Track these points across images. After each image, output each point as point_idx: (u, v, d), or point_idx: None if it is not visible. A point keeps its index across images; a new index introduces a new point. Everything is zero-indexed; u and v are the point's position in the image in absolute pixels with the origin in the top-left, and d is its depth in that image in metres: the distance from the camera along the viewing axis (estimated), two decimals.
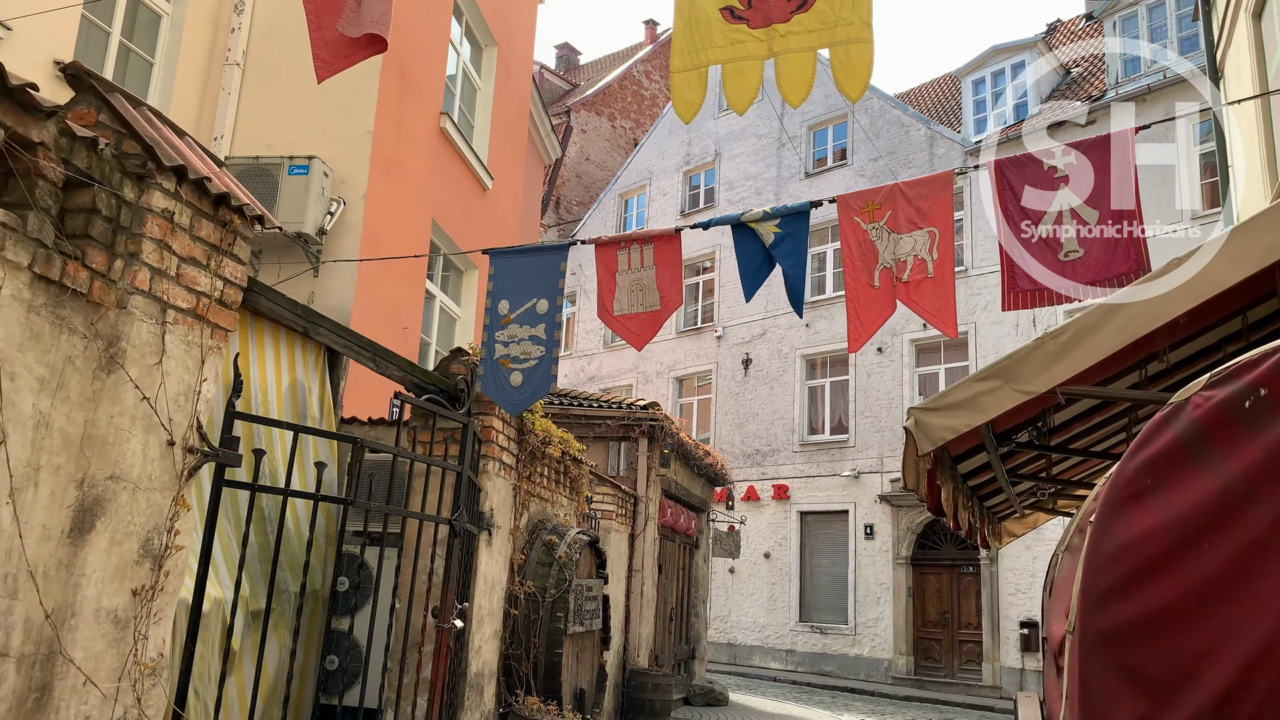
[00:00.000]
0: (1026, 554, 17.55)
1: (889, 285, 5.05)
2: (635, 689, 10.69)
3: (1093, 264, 4.63)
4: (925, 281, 4.94)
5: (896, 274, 5.04)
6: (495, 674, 6.70)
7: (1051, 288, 4.72)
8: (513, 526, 7.07)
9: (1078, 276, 4.67)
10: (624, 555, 11.33)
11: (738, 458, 22.54)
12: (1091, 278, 4.63)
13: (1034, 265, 4.73)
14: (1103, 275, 4.61)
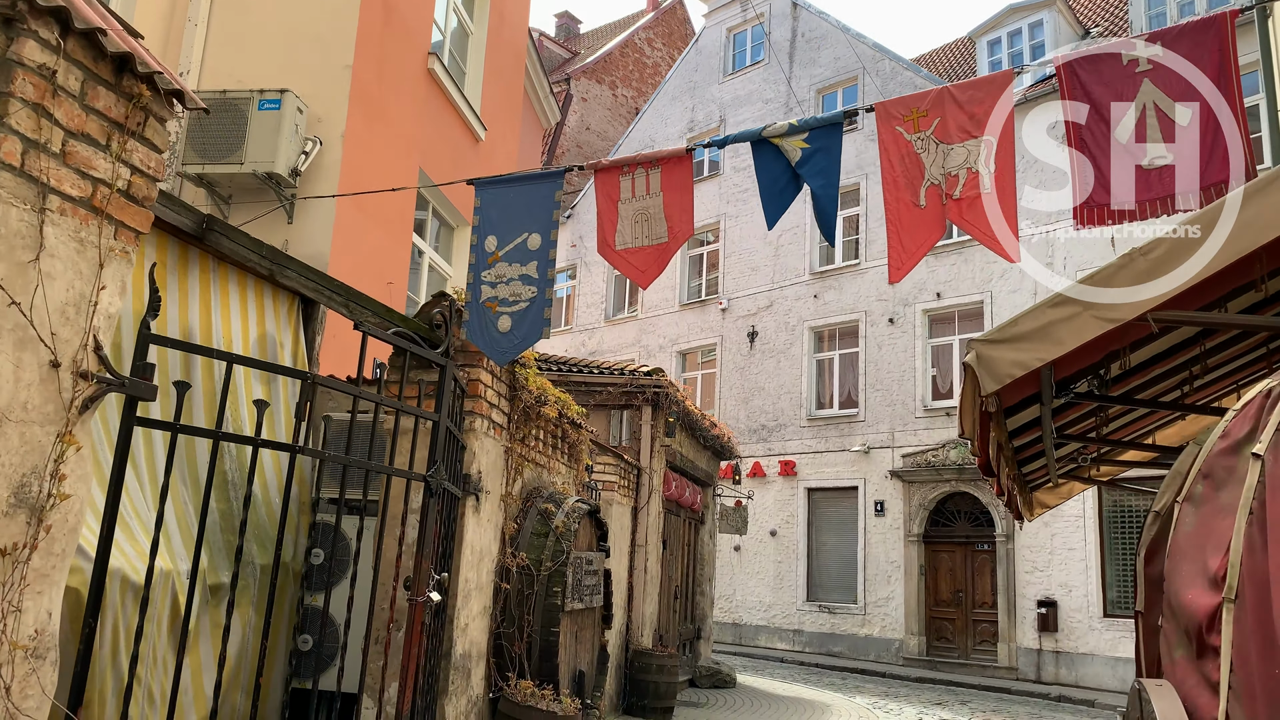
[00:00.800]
0: (1044, 530, 16.90)
1: (937, 204, 4.33)
2: (639, 670, 10.05)
3: (1183, 171, 3.91)
4: (980, 198, 4.23)
5: (946, 191, 4.32)
6: (485, 655, 6.03)
7: (1132, 202, 4.00)
8: (504, 493, 6.38)
9: (1163, 187, 3.95)
10: (627, 529, 10.67)
11: (743, 433, 21.86)
12: (1181, 187, 3.91)
13: (1112, 175, 4.01)
14: (1195, 184, 3.89)
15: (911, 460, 18.98)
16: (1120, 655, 15.54)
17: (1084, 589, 16.25)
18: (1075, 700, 14.62)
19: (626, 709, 10.11)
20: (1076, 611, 16.27)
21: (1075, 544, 16.53)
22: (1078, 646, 16.13)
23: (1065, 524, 16.66)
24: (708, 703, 11.75)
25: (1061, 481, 8.86)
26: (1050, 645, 16.47)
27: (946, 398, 19.09)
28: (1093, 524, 16.36)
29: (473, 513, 5.75)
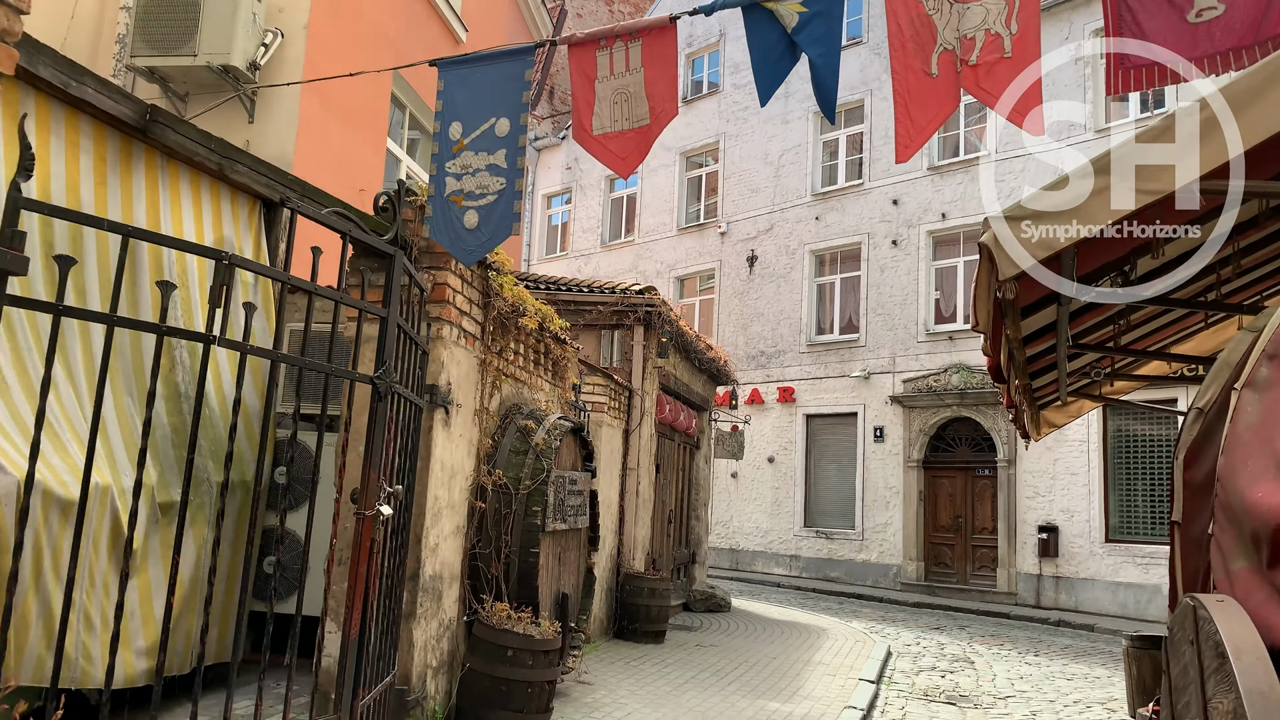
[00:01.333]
0: (1047, 455, 16.61)
1: (950, 72, 3.81)
2: (630, 594, 9.79)
3: (1235, 24, 3.39)
4: (1000, 63, 3.71)
5: (961, 56, 3.80)
6: (458, 576, 5.69)
7: (1173, 60, 3.49)
8: (479, 407, 5.97)
9: (1212, 43, 3.43)
10: (617, 452, 10.32)
11: (742, 360, 21.47)
12: (1231, 43, 3.40)
13: (1153, 29, 3.48)
14: (1247, 39, 3.37)
15: (912, 385, 18.60)
16: (1121, 580, 15.37)
17: (1086, 514, 16.02)
18: (1075, 625, 14.48)
19: (617, 633, 9.89)
20: (1078, 537, 16.06)
21: (1078, 469, 16.25)
22: (1078, 572, 15.96)
23: (1068, 449, 16.35)
24: (701, 626, 11.56)
25: (1070, 400, 8.46)
26: (1050, 571, 16.31)
27: (949, 321, 18.63)
28: (1096, 449, 16.05)
29: (442, 427, 5.35)
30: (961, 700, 8.50)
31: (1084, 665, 10.79)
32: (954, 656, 10.95)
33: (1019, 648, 11.96)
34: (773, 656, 9.66)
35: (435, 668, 5.34)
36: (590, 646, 9.07)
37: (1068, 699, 8.73)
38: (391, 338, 3.70)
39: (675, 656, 9.16)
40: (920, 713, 7.86)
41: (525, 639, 5.31)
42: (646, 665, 8.54)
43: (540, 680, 5.30)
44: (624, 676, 7.89)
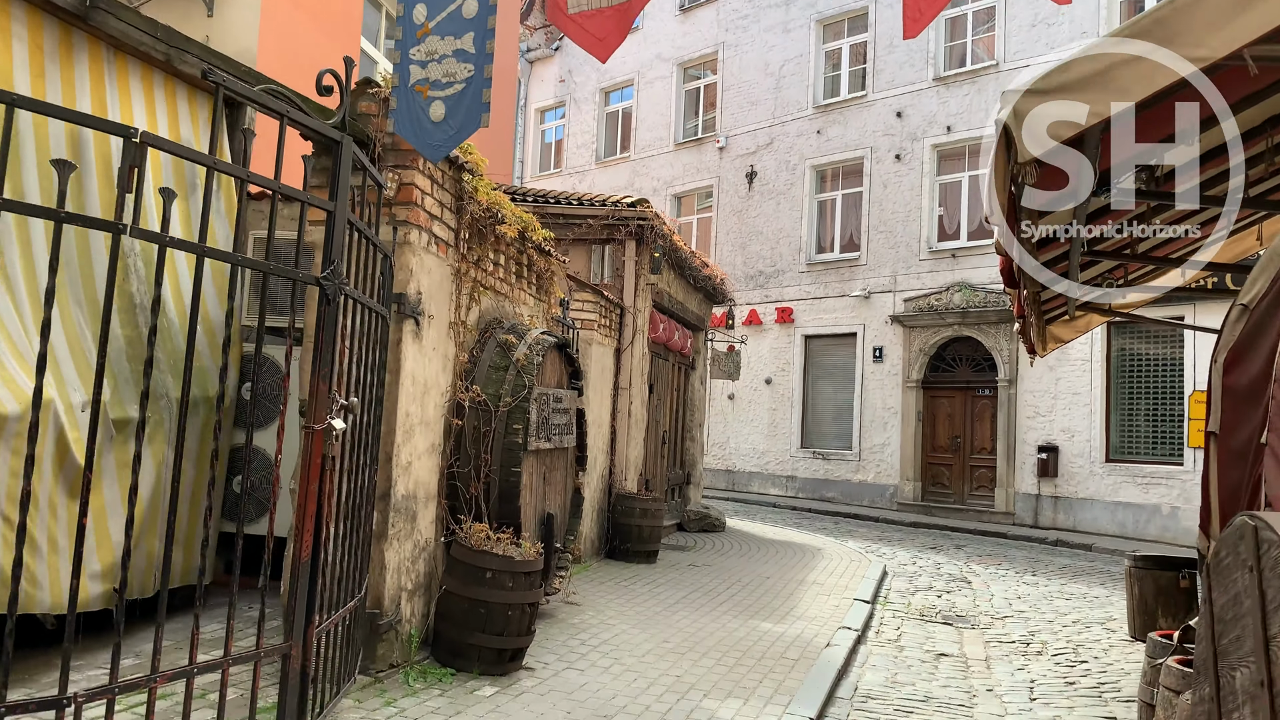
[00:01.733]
0: (1049, 375, 16.34)
1: None
2: (621, 515, 9.61)
3: None
4: None
5: None
6: (435, 496, 5.44)
7: None
8: (454, 320, 5.63)
9: None
10: (608, 371, 10.02)
11: (740, 280, 21.06)
12: None
13: None
14: None
15: (913, 305, 18.24)
16: (1121, 500, 15.26)
17: (1087, 434, 15.83)
18: (1072, 545, 14.41)
19: (609, 553, 9.75)
20: (1078, 457, 15.90)
21: (1080, 388, 16.00)
22: (1077, 492, 15.84)
23: (1070, 368, 16.08)
24: (695, 546, 11.44)
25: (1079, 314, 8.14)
26: (1049, 491, 16.20)
27: (953, 239, 18.18)
28: (1099, 368, 15.78)
29: (413, 339, 5.02)
30: (958, 620, 8.37)
31: (1082, 585, 10.69)
32: (951, 576, 10.84)
33: (1016, 567, 11.86)
34: (766, 576, 9.53)
35: (411, 590, 5.12)
36: (580, 567, 8.92)
37: (1066, 619, 8.60)
38: (340, 234, 3.34)
39: (667, 576, 9.01)
40: (916, 633, 7.72)
41: (505, 560, 5.08)
42: (637, 585, 8.39)
43: (520, 603, 5.08)
44: (613, 597, 7.73)
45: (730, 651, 6.17)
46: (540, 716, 4.48)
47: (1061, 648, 7.35)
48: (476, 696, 4.68)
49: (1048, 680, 6.29)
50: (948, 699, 5.69)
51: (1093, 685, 6.14)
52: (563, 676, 5.22)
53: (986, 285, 17.17)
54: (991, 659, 6.97)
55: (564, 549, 7.00)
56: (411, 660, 5.03)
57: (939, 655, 6.97)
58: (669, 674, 5.46)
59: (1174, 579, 7.52)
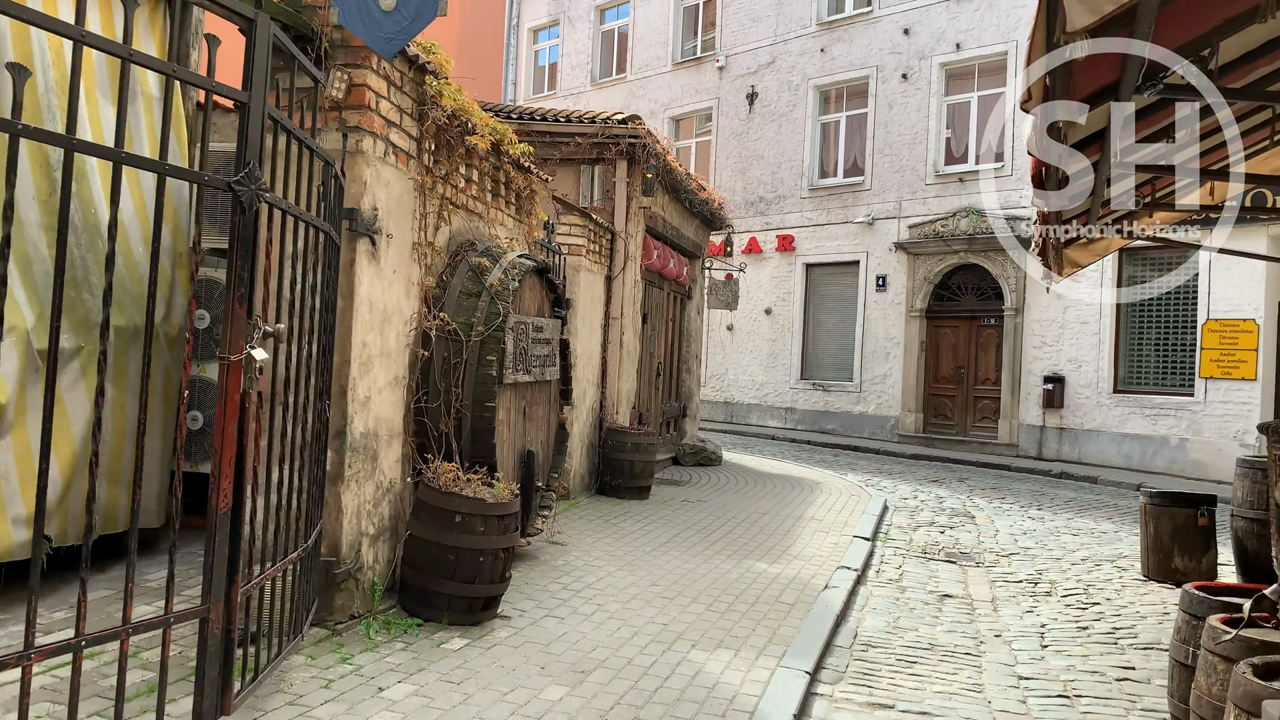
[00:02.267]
0: (1056, 304, 15.83)
1: None
2: (613, 450, 9.22)
3: None
4: None
5: None
6: (400, 434, 5.00)
7: None
8: (418, 240, 5.12)
9: None
10: (599, 300, 9.52)
11: (739, 207, 20.39)
12: None
13: None
14: None
15: (918, 231, 17.63)
16: (1128, 432, 14.88)
17: (1095, 364, 15.38)
18: (1077, 477, 14.08)
19: (600, 489, 9.38)
20: (1085, 388, 15.48)
21: (1089, 317, 15.50)
22: (1083, 423, 15.47)
23: (1080, 296, 15.56)
24: (690, 481, 11.08)
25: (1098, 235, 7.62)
26: (1054, 422, 15.82)
27: (960, 162, 17.49)
28: (1110, 296, 15.25)
29: (369, 260, 4.52)
30: (962, 558, 8.02)
31: (1089, 519, 10.35)
32: (953, 511, 10.50)
33: (1021, 501, 11.53)
34: (763, 513, 9.17)
35: (373, 535, 4.71)
36: (569, 504, 8.56)
37: (1074, 555, 8.26)
38: (256, 131, 2.82)
39: (659, 513, 8.65)
40: (919, 572, 7.37)
41: (475, 503, 4.66)
42: (628, 523, 8.02)
43: (493, 548, 4.68)
44: (601, 536, 7.36)
45: (722, 595, 5.81)
46: (510, 672, 4.10)
47: (1071, 588, 7.00)
48: (443, 650, 4.31)
49: (1059, 625, 5.94)
50: (954, 646, 5.33)
51: (1107, 631, 5.78)
52: (540, 625, 4.84)
53: (995, 210, 16.55)
54: (998, 600, 6.63)
55: (547, 487, 6.60)
56: (375, 610, 4.65)
57: (943, 596, 6.62)
58: (655, 621, 5.09)
59: (1192, 516, 7.14)
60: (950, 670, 4.89)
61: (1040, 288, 15.92)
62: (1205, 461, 13.94)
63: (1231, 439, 13.73)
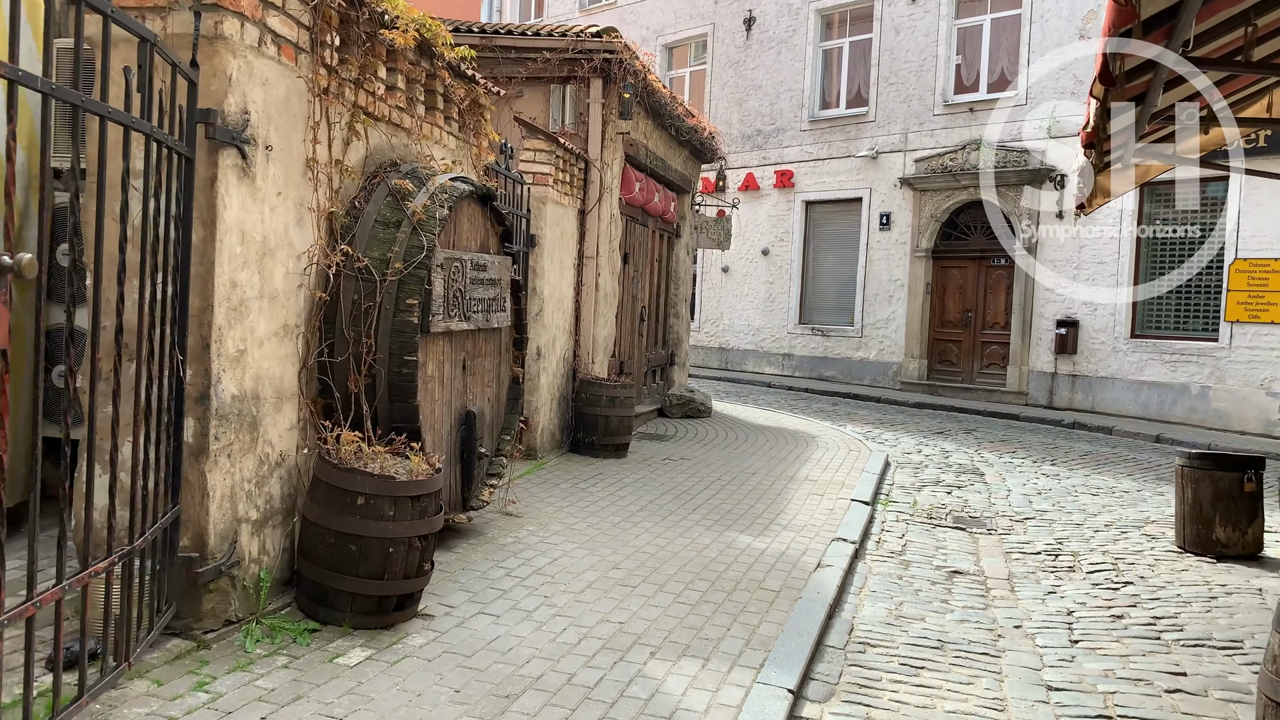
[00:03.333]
0: (1072, 243, 14.82)
1: None
2: (586, 404, 8.33)
3: None
4: None
5: None
6: (293, 395, 4.08)
7: None
8: (314, 156, 4.15)
9: None
10: (569, 237, 8.54)
11: (736, 141, 19.26)
12: None
13: None
14: None
15: (925, 165, 16.53)
16: (1145, 379, 13.98)
17: (1112, 307, 14.41)
18: (1091, 427, 13.22)
19: (573, 447, 8.51)
20: (1100, 332, 14.54)
21: (1107, 257, 14.49)
22: (1097, 370, 14.55)
23: (1097, 234, 14.53)
24: (675, 435, 10.22)
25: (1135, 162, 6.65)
26: (1066, 369, 14.91)
27: (971, 90, 16.32)
28: (1129, 236, 14.22)
29: (239, 179, 3.56)
30: (972, 523, 7.19)
31: (1108, 476, 9.50)
32: (961, 467, 9.64)
33: (1033, 455, 10.68)
34: (752, 472, 8.31)
35: (258, 520, 3.83)
36: (535, 464, 7.69)
37: (1096, 520, 7.42)
38: None
39: (636, 475, 7.79)
40: (924, 542, 6.53)
41: (382, 481, 3.77)
42: (598, 487, 7.16)
43: (406, 536, 3.80)
44: (566, 503, 6.50)
45: (696, 580, 4.95)
46: (415, 699, 3.25)
47: (1098, 562, 6.16)
48: (335, 667, 3.45)
49: (1088, 611, 5.10)
50: (967, 643, 4.49)
51: (1146, 621, 4.94)
52: (468, 627, 3.99)
53: (1007, 142, 15.44)
54: (1015, 577, 5.79)
55: (498, 452, 5.71)
56: (261, 612, 3.79)
57: (952, 574, 5.78)
58: (611, 619, 4.23)
59: (1236, 481, 6.27)
60: (964, 678, 4.05)
61: (1053, 225, 14.89)
62: (1228, 411, 13.06)
63: (1258, 387, 12.83)
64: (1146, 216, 14.15)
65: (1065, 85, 14.92)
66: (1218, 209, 13.39)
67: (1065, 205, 14.73)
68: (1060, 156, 14.82)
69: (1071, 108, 14.66)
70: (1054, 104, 14.96)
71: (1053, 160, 14.93)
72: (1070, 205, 14.37)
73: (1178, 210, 13.86)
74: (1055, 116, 14.88)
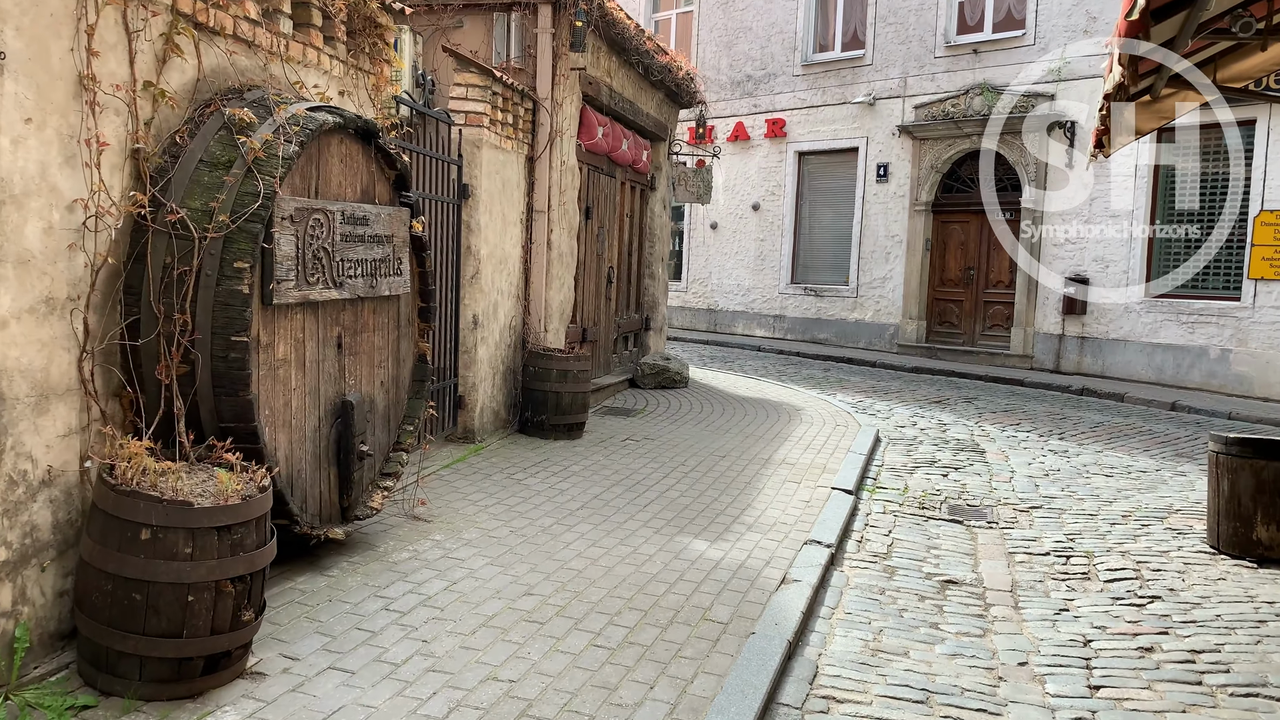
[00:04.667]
0: (1082, 193, 13.71)
1: None
2: (535, 379, 7.36)
3: None
4: None
5: None
6: (72, 390, 3.10)
7: None
8: (87, 72, 3.12)
9: None
10: (513, 187, 7.51)
11: (724, 87, 18.07)
12: None
13: None
14: None
15: (925, 112, 15.37)
16: (1160, 341, 12.97)
17: (1124, 264, 13.36)
18: (1101, 394, 12.25)
19: (522, 427, 7.55)
20: (1112, 291, 13.50)
21: (1120, 209, 13.39)
22: (1108, 332, 13.54)
23: (1110, 185, 13.43)
24: (643, 409, 9.26)
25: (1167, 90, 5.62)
26: (1075, 330, 13.89)
27: (975, 30, 15.09)
28: (1145, 186, 13.12)
29: None
30: (970, 514, 6.25)
31: (1123, 453, 8.54)
32: (959, 444, 8.69)
33: (1039, 427, 9.72)
34: (722, 455, 7.36)
35: (9, 562, 2.87)
36: (471, 449, 6.75)
37: (1112, 510, 6.48)
38: None
39: (587, 460, 6.84)
40: (914, 540, 5.59)
41: (173, 509, 2.81)
42: (539, 478, 6.21)
43: (210, 579, 2.85)
44: (493, 501, 5.55)
45: (626, 610, 4.01)
46: None
47: (1117, 567, 5.22)
48: None
49: (1108, 640, 4.16)
50: (959, 692, 3.56)
51: (1182, 656, 4.00)
52: (307, 693, 3.05)
53: (1013, 86, 14.27)
54: (1020, 588, 4.86)
55: (399, 445, 4.75)
56: (13, 685, 2.85)
57: (945, 584, 4.86)
58: (501, 676, 3.29)
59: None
60: None
61: (1063, 176, 13.77)
62: (1250, 375, 12.07)
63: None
64: (1163, 165, 13.03)
65: (1077, 23, 13.72)
66: (1243, 157, 12.28)
67: (1076, 154, 13.62)
68: (1072, 101, 13.68)
69: (1084, 48, 13.50)
70: (1065, 44, 13.78)
71: (1063, 106, 13.79)
72: (1083, 153, 13.26)
73: (1199, 158, 12.74)
74: (1066, 58, 13.70)
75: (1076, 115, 13.64)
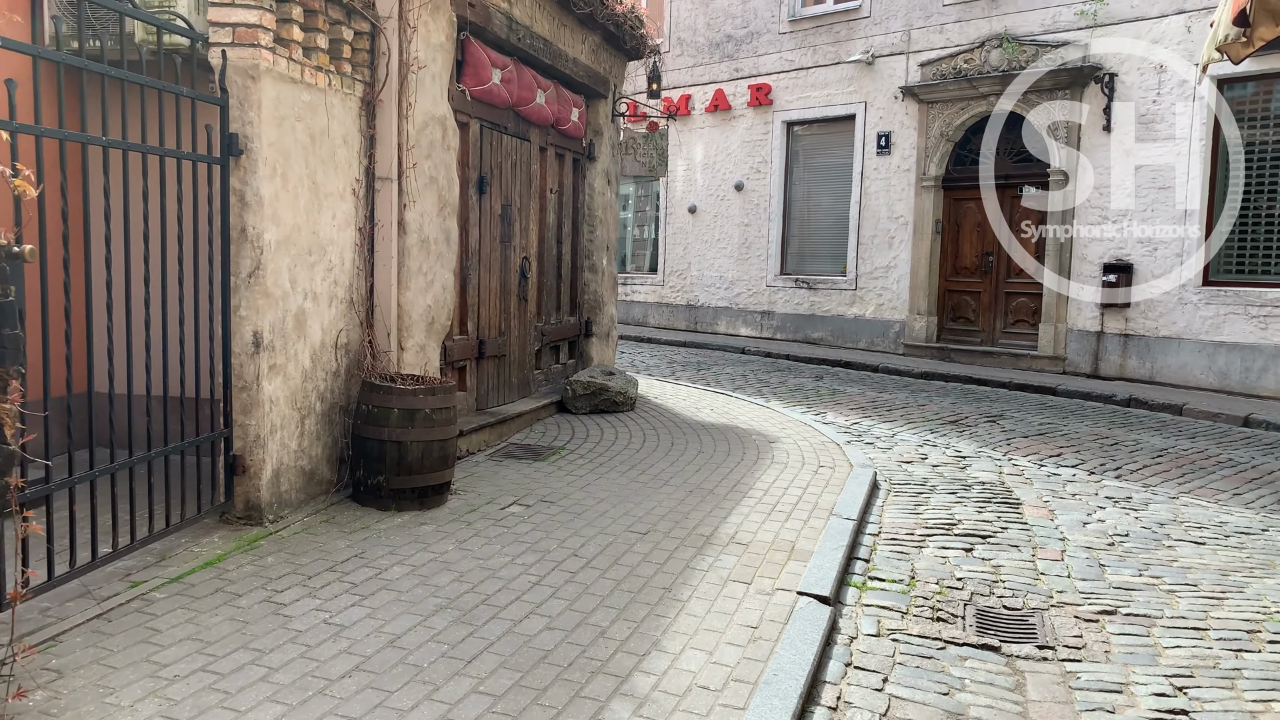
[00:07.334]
0: (1124, 162, 11.36)
1: None
2: (369, 422, 5.06)
3: None
4: None
5: None
6: None
7: None
8: None
9: None
10: (342, 143, 5.21)
11: (702, 50, 15.77)
12: None
13: None
14: None
15: (933, 70, 13.01)
16: (1223, 340, 10.62)
17: (1177, 246, 11.00)
18: (1153, 406, 9.92)
19: (356, 492, 5.24)
20: (1161, 279, 11.14)
21: (1170, 181, 11.04)
22: (1158, 328, 11.18)
23: (1157, 153, 11.07)
24: (562, 447, 6.96)
25: None
26: (1116, 327, 11.54)
27: None
28: (1201, 150, 10.76)
29: None
30: (1011, 628, 3.97)
31: (1207, 499, 6.23)
32: (985, 490, 6.38)
33: (1086, 459, 7.40)
34: (645, 529, 5.06)
35: None
36: (252, 536, 4.45)
37: (1225, 614, 4.19)
38: None
39: (426, 554, 4.52)
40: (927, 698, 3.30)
41: None
42: (319, 599, 3.90)
43: None
44: (190, 668, 3.25)
45: None
46: None
47: None
48: None
49: None
50: None
51: None
52: None
53: (1036, 36, 11.91)
54: None
55: None
56: None
57: None
58: None
59: None
60: None
61: (1101, 142, 11.41)
62: None
63: None
64: (1226, 124, 10.65)
65: None
66: None
67: (1117, 112, 11.26)
68: (1110, 50, 11.32)
69: None
70: None
71: (1100, 55, 11.42)
72: (1126, 105, 10.93)
73: (1271, 113, 10.37)
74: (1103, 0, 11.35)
75: (1116, 66, 11.28)
